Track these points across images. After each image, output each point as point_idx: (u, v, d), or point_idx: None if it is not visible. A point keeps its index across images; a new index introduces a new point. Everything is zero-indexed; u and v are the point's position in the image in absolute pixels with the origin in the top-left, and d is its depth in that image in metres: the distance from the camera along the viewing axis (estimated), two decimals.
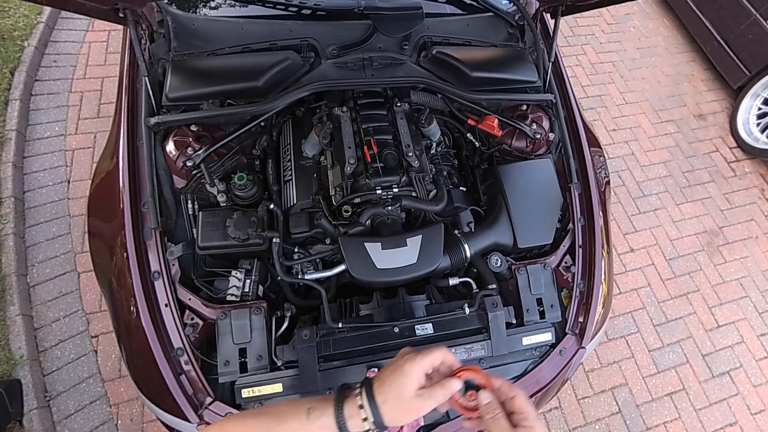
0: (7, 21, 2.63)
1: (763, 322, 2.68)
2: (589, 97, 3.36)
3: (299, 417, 0.62)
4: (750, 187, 3.22)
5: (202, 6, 1.47)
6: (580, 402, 2.23)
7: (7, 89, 2.44)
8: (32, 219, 2.21)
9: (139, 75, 1.33)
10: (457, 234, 1.30)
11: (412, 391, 0.61)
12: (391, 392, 0.61)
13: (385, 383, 0.62)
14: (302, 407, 0.63)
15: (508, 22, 1.62)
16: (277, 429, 0.62)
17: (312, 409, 0.62)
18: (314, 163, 1.43)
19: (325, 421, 0.61)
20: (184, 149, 1.26)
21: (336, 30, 1.45)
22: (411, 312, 1.20)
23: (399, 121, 1.38)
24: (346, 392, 0.64)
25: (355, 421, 0.60)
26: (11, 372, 1.85)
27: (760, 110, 3.32)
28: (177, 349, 1.09)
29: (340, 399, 0.63)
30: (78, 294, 2.09)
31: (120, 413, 1.89)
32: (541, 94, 1.54)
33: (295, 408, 0.63)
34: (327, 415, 0.61)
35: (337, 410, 0.61)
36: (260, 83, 1.30)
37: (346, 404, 0.62)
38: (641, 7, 4.06)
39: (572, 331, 1.29)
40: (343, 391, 0.65)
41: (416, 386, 0.62)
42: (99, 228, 1.32)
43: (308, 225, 1.28)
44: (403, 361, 0.63)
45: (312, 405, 0.63)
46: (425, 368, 0.63)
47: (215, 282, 1.23)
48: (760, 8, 3.17)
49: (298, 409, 0.63)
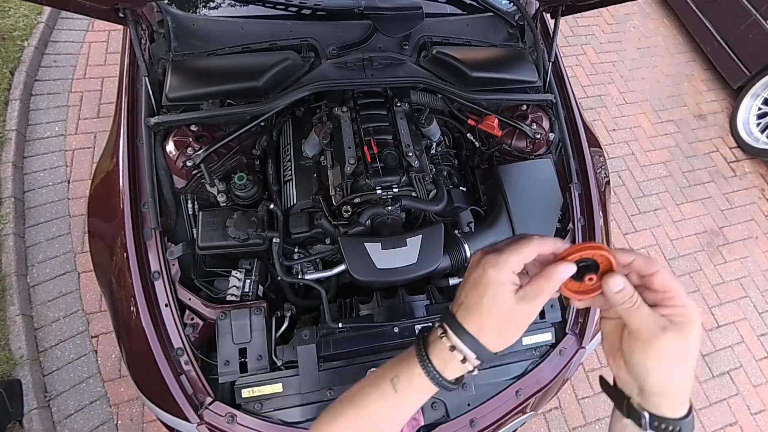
0: (7, 21, 2.64)
1: (763, 322, 2.68)
2: (589, 97, 3.36)
3: (385, 394, 0.53)
4: (750, 187, 3.21)
5: (202, 6, 1.47)
6: (580, 402, 2.23)
7: (7, 89, 2.45)
8: (32, 219, 2.21)
9: (139, 75, 1.33)
10: (457, 234, 1.30)
11: (510, 299, 0.48)
12: (485, 313, 0.48)
13: (471, 307, 0.49)
14: (383, 381, 0.53)
15: (508, 22, 1.62)
16: (372, 419, 0.53)
17: (396, 378, 0.52)
18: (314, 163, 1.43)
19: (417, 383, 0.51)
20: (184, 149, 1.26)
21: (336, 30, 1.45)
22: (411, 312, 1.20)
23: (399, 121, 1.38)
24: (426, 340, 0.53)
25: (452, 368, 0.50)
26: (11, 372, 1.85)
27: (760, 110, 3.32)
28: (177, 349, 1.09)
29: (423, 351, 0.52)
30: (78, 294, 2.09)
31: (120, 413, 1.89)
32: (541, 94, 1.54)
33: (376, 386, 0.54)
34: (416, 375, 0.51)
35: (425, 365, 0.51)
36: (260, 83, 1.30)
37: (433, 354, 0.51)
38: (641, 7, 4.06)
39: (572, 331, 1.29)
40: (421, 341, 0.53)
41: (513, 291, 0.48)
42: (99, 228, 1.32)
43: (308, 225, 1.28)
44: (483, 270, 0.49)
45: (393, 373, 0.53)
46: (517, 267, 0.49)
47: (215, 282, 1.23)
48: (760, 8, 3.17)
49: (381, 386, 0.53)
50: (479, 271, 0.50)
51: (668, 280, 0.46)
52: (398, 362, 0.54)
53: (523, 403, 1.19)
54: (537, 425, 2.14)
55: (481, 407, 1.16)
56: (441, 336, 0.51)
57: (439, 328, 0.52)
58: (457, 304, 0.52)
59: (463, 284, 0.52)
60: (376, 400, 0.53)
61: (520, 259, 0.49)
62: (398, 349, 1.15)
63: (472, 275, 0.51)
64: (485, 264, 0.49)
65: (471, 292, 0.50)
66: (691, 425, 0.47)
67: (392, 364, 0.55)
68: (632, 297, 0.46)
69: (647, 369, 0.47)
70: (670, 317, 0.45)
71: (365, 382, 0.56)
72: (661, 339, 0.45)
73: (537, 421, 2.14)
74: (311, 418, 1.08)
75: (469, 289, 0.50)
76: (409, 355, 0.53)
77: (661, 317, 0.46)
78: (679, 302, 0.46)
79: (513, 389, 1.19)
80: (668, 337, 0.45)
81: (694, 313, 0.45)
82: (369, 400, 0.54)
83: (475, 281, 0.50)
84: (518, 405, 1.18)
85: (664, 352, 0.45)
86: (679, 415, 0.47)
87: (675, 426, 0.47)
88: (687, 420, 0.47)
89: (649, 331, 0.46)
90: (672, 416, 0.47)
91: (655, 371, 0.46)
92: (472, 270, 0.51)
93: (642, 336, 0.46)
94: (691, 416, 0.47)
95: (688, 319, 0.45)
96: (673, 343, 0.45)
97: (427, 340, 0.53)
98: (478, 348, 0.49)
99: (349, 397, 0.57)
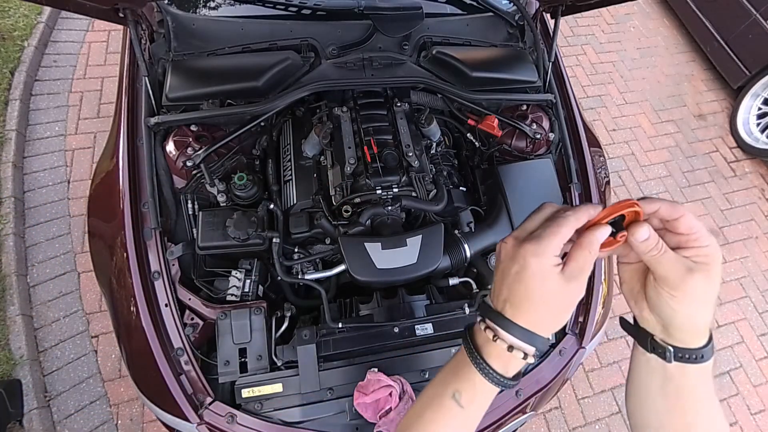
0: (7, 21, 2.64)
1: (763, 322, 2.68)
2: (589, 97, 3.36)
3: (452, 412, 0.50)
4: (750, 187, 3.22)
5: (202, 6, 1.46)
6: (580, 402, 2.23)
7: (7, 89, 2.44)
8: (32, 219, 2.21)
9: (139, 75, 1.33)
10: (457, 234, 1.30)
11: (559, 283, 0.46)
12: (538, 305, 0.47)
13: (521, 302, 0.47)
14: (445, 401, 0.50)
15: (508, 22, 1.62)
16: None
17: (457, 394, 0.50)
18: (314, 163, 1.43)
19: (481, 391, 0.49)
20: (184, 149, 1.26)
21: (336, 30, 1.45)
22: (411, 312, 1.20)
23: (399, 121, 1.38)
24: (475, 344, 0.50)
25: (513, 366, 0.49)
26: (11, 372, 1.85)
27: (760, 110, 3.32)
28: (177, 349, 1.09)
29: (479, 357, 0.49)
30: (78, 294, 2.09)
31: (120, 413, 1.89)
32: (541, 94, 1.54)
33: (439, 408, 0.51)
34: (479, 383, 0.49)
35: (487, 372, 0.48)
36: (260, 83, 1.30)
37: (491, 358, 0.49)
38: (641, 7, 4.06)
39: (572, 331, 1.29)
40: (472, 348, 0.50)
41: (559, 274, 0.46)
42: (99, 228, 1.32)
43: (308, 225, 1.28)
44: (525, 262, 0.46)
45: (451, 389, 0.50)
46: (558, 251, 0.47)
47: (215, 282, 1.23)
48: (760, 8, 3.17)
49: (444, 406, 0.50)
50: (520, 263, 0.47)
51: (693, 223, 0.46)
52: (451, 376, 0.51)
53: (523, 403, 1.19)
54: (537, 425, 2.14)
55: None
56: (495, 339, 0.48)
57: (487, 330, 0.49)
58: (501, 301, 0.49)
59: (502, 279, 0.49)
60: (445, 422, 0.51)
61: (561, 241, 0.47)
62: (398, 349, 1.15)
63: (512, 269, 0.48)
64: (526, 255, 0.47)
65: (516, 287, 0.47)
66: (712, 351, 0.49)
67: (443, 380, 0.52)
68: (657, 244, 0.46)
69: (674, 311, 0.48)
70: (694, 258, 0.46)
71: (421, 408, 0.53)
72: (688, 282, 0.45)
73: (537, 421, 2.14)
74: (311, 418, 1.08)
75: (512, 284, 0.48)
76: (460, 365, 0.51)
77: (685, 259, 0.46)
78: (704, 242, 0.45)
79: (513, 389, 1.19)
80: (695, 279, 0.45)
81: (717, 252, 0.46)
82: (437, 424, 0.51)
83: (518, 275, 0.47)
84: (518, 405, 1.18)
85: (691, 293, 0.46)
86: (700, 344, 0.49)
87: (698, 354, 0.49)
88: (708, 347, 0.49)
89: (676, 275, 0.46)
90: (695, 347, 0.49)
91: (681, 312, 0.48)
92: (510, 263, 0.48)
93: (670, 281, 0.47)
94: (712, 343, 0.49)
95: (712, 258, 0.45)
96: (699, 284, 0.45)
97: (477, 344, 0.50)
98: (535, 340, 0.47)
99: (414, 424, 0.53)
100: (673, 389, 0.51)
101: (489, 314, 0.50)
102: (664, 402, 0.52)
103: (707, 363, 0.49)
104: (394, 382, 1.04)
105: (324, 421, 1.08)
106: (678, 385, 0.50)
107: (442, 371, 0.54)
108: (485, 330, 0.49)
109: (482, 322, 0.51)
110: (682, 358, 0.49)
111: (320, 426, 1.08)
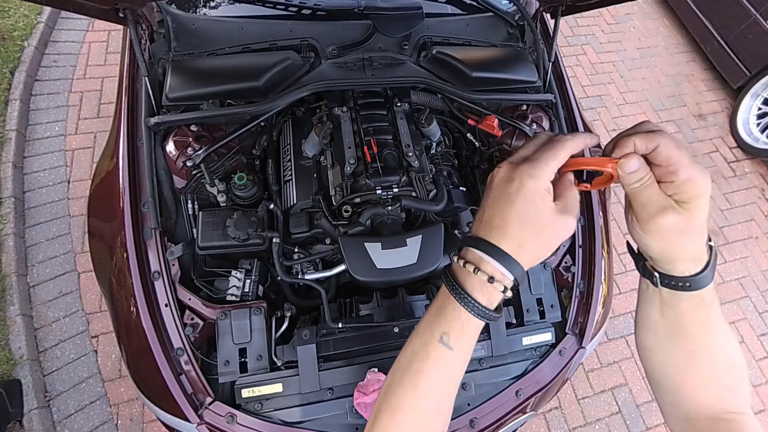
0: (7, 21, 2.64)
1: (763, 322, 2.68)
2: (589, 97, 3.36)
3: (441, 357, 0.48)
4: (750, 187, 3.22)
5: (202, 6, 1.47)
6: (580, 402, 2.23)
7: (7, 89, 2.45)
8: (32, 219, 2.21)
9: (139, 75, 1.33)
10: (457, 234, 1.30)
11: (551, 209, 0.45)
12: (525, 228, 0.45)
13: (508, 225, 0.45)
14: (432, 346, 0.48)
15: (508, 22, 1.62)
16: (438, 390, 0.50)
17: (445, 336, 0.48)
18: (314, 163, 1.43)
19: (468, 328, 0.48)
20: (184, 149, 1.26)
21: (336, 30, 1.45)
22: (411, 312, 1.20)
23: (399, 121, 1.38)
24: (456, 279, 0.48)
25: (495, 298, 0.48)
26: (11, 372, 1.85)
27: (760, 110, 3.32)
28: (177, 349, 1.09)
29: (464, 294, 0.47)
30: (78, 294, 2.09)
31: (120, 413, 1.89)
32: (541, 94, 1.54)
33: (427, 355, 0.49)
34: (465, 321, 0.48)
35: (474, 307, 0.47)
36: (260, 83, 1.30)
37: (476, 292, 0.47)
38: (641, 7, 4.07)
39: (572, 331, 1.29)
40: (454, 284, 0.48)
41: (552, 201, 0.46)
42: (99, 228, 1.32)
43: (308, 225, 1.28)
44: (520, 183, 0.45)
45: (438, 332, 0.48)
46: (553, 175, 0.46)
47: (215, 282, 1.23)
48: (760, 8, 3.17)
49: (432, 352, 0.48)
50: (515, 184, 0.45)
51: (671, 153, 0.43)
52: (435, 319, 0.49)
53: (523, 403, 1.19)
54: (537, 425, 2.14)
55: (481, 407, 1.16)
56: (475, 271, 0.46)
57: (467, 264, 0.47)
58: (487, 226, 0.47)
59: (492, 202, 0.47)
60: (434, 367, 0.49)
61: (557, 165, 0.46)
62: (399, 349, 1.15)
63: (505, 190, 0.46)
64: (521, 176, 0.45)
65: (507, 209, 0.45)
66: (706, 279, 0.48)
67: (428, 327, 0.50)
68: (643, 178, 0.45)
69: (646, 244, 0.48)
70: (674, 195, 0.44)
71: (407, 362, 0.51)
72: (656, 220, 0.45)
73: (537, 421, 2.15)
74: (311, 418, 1.08)
75: (503, 206, 0.46)
76: (443, 306, 0.49)
77: (664, 197, 0.44)
78: (683, 176, 0.43)
79: (513, 389, 1.19)
80: (666, 217, 0.44)
81: (700, 186, 0.43)
82: (427, 373, 0.49)
83: (509, 196, 0.45)
84: (518, 405, 1.18)
85: (662, 229, 0.45)
86: (690, 273, 0.48)
87: (684, 282, 0.48)
88: (698, 276, 0.48)
89: (647, 211, 0.45)
90: (681, 275, 0.48)
91: (654, 245, 0.48)
92: (503, 184, 0.47)
93: (640, 216, 0.46)
94: (706, 272, 0.48)
95: (694, 193, 0.43)
96: (671, 220, 0.44)
97: (459, 280, 0.48)
98: (515, 268, 0.46)
99: (400, 379, 0.51)
100: (670, 315, 0.51)
101: (470, 242, 0.48)
102: (665, 327, 0.52)
103: (700, 291, 0.48)
104: None
105: (324, 421, 1.08)
106: (674, 312, 0.50)
107: (423, 320, 0.52)
108: (464, 265, 0.48)
109: (460, 258, 0.49)
110: (668, 284, 0.49)
111: (320, 426, 1.08)
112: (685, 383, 0.52)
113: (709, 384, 0.52)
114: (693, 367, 0.51)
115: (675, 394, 0.54)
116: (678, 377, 0.53)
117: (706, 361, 0.51)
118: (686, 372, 0.52)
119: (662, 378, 0.55)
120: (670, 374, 0.54)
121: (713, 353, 0.51)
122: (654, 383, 0.57)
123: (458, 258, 0.50)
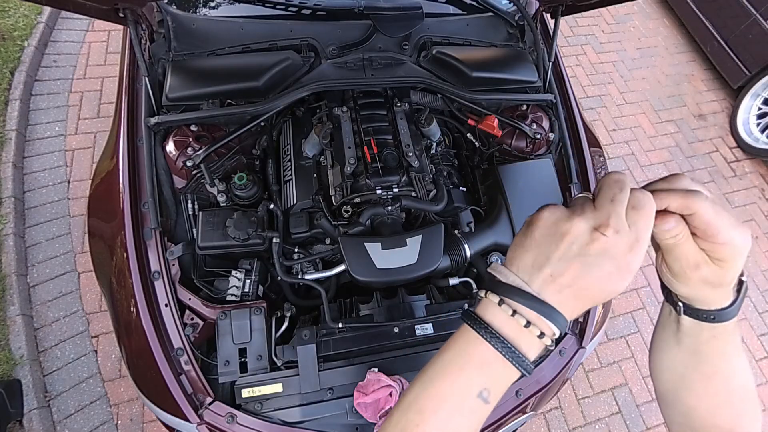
0: (7, 21, 2.63)
1: (763, 322, 2.68)
2: (589, 97, 3.36)
3: (477, 412, 0.43)
4: (750, 187, 3.21)
5: (202, 6, 1.47)
6: (580, 402, 2.23)
7: (7, 89, 2.44)
8: (32, 219, 2.21)
9: (139, 75, 1.33)
10: (457, 234, 1.30)
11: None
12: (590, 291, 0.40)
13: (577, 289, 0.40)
14: (470, 401, 0.43)
15: (508, 22, 1.62)
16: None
17: (485, 392, 0.43)
18: (314, 163, 1.44)
19: (507, 383, 0.43)
20: (184, 149, 1.26)
21: (336, 30, 1.45)
22: (411, 312, 1.20)
23: (399, 121, 1.38)
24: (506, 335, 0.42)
25: (536, 350, 0.43)
26: (11, 372, 1.85)
27: (760, 110, 3.32)
28: (177, 349, 1.09)
29: (517, 354, 0.41)
30: (78, 294, 2.09)
31: (120, 413, 1.89)
32: (541, 94, 1.54)
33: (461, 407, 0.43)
34: (508, 376, 0.43)
35: (526, 367, 0.42)
36: (260, 83, 1.30)
37: (530, 351, 0.42)
38: (641, 7, 4.07)
39: (572, 331, 1.29)
40: (500, 336, 0.42)
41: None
42: (99, 228, 1.32)
43: (308, 225, 1.28)
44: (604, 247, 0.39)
45: (477, 387, 0.43)
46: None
47: (215, 282, 1.23)
48: (760, 8, 3.17)
49: (466, 405, 0.43)
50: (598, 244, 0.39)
51: (710, 219, 0.41)
52: (475, 373, 0.43)
53: (523, 403, 1.19)
54: (537, 425, 2.14)
55: None
56: (527, 326, 0.41)
57: (518, 315, 0.41)
58: (549, 278, 0.41)
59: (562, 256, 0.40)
60: (469, 421, 0.44)
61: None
62: (398, 349, 1.15)
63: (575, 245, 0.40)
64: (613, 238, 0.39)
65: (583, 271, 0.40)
66: (732, 313, 0.47)
67: (467, 378, 0.43)
68: (678, 235, 0.43)
69: (675, 288, 0.48)
70: (711, 253, 0.43)
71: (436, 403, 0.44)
72: (689, 273, 0.44)
73: (537, 421, 2.14)
74: (311, 418, 1.08)
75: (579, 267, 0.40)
76: (488, 361, 0.42)
77: (699, 253, 0.43)
78: (721, 240, 0.41)
79: (513, 389, 1.19)
80: (699, 272, 0.44)
81: (739, 248, 0.42)
82: (458, 425, 0.44)
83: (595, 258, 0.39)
84: (518, 405, 1.18)
85: (693, 282, 0.45)
86: (717, 308, 0.47)
87: (708, 315, 0.47)
88: (725, 311, 0.47)
89: (680, 264, 0.45)
90: (708, 308, 0.47)
91: (683, 291, 0.47)
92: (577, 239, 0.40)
93: (672, 267, 0.46)
94: (733, 307, 0.47)
95: (732, 254, 0.43)
96: (705, 274, 0.44)
97: (506, 334, 0.42)
98: (564, 326, 0.42)
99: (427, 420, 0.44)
100: (690, 342, 0.50)
101: (524, 299, 0.41)
102: (683, 352, 0.52)
103: (723, 324, 0.47)
104: (394, 382, 1.04)
105: (324, 421, 1.08)
106: (694, 339, 0.50)
107: (453, 363, 0.45)
108: (517, 315, 0.41)
109: (493, 294, 0.43)
110: (692, 315, 0.49)
111: (320, 426, 1.07)
112: (699, 406, 0.52)
113: (723, 410, 0.51)
114: (708, 392, 0.51)
115: (686, 416, 0.54)
116: (691, 400, 0.52)
117: (722, 387, 0.51)
118: (701, 396, 0.52)
119: (675, 401, 0.55)
120: (683, 397, 0.53)
121: (729, 379, 0.51)
122: (664, 403, 0.56)
123: (491, 294, 0.43)
